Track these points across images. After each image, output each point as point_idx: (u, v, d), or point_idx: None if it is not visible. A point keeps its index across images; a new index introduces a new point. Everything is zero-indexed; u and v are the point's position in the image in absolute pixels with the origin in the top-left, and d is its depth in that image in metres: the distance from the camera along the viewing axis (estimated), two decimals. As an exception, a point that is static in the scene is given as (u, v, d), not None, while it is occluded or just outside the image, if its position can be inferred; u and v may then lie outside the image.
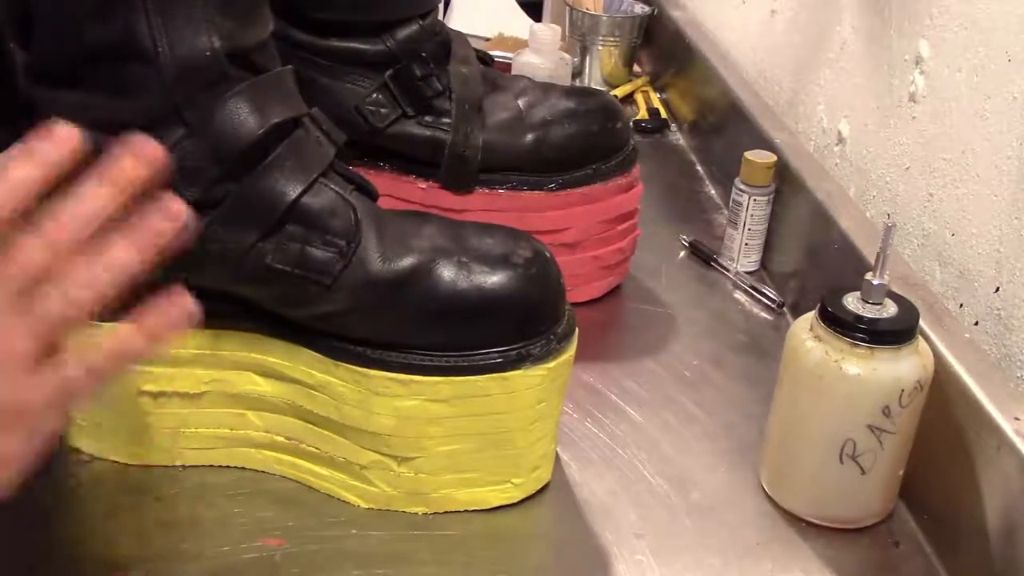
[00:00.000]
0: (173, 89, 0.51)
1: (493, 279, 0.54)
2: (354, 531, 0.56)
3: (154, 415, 0.58)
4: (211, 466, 0.59)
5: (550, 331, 0.56)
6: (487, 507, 0.58)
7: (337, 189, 0.55)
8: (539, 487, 0.59)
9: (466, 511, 0.57)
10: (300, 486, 0.59)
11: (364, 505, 0.57)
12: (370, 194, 0.58)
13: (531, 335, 0.55)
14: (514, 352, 0.54)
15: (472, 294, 0.54)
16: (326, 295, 0.53)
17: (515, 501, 0.58)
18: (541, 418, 0.57)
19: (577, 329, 0.58)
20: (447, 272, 0.54)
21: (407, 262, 0.54)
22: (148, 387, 0.57)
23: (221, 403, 0.58)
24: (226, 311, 0.56)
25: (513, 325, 0.55)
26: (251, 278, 0.54)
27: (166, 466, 0.59)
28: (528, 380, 0.55)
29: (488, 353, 0.54)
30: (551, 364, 0.55)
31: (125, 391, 0.58)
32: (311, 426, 0.57)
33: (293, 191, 0.53)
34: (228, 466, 0.60)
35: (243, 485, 0.59)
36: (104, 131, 0.52)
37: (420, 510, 0.57)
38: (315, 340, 0.55)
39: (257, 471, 0.59)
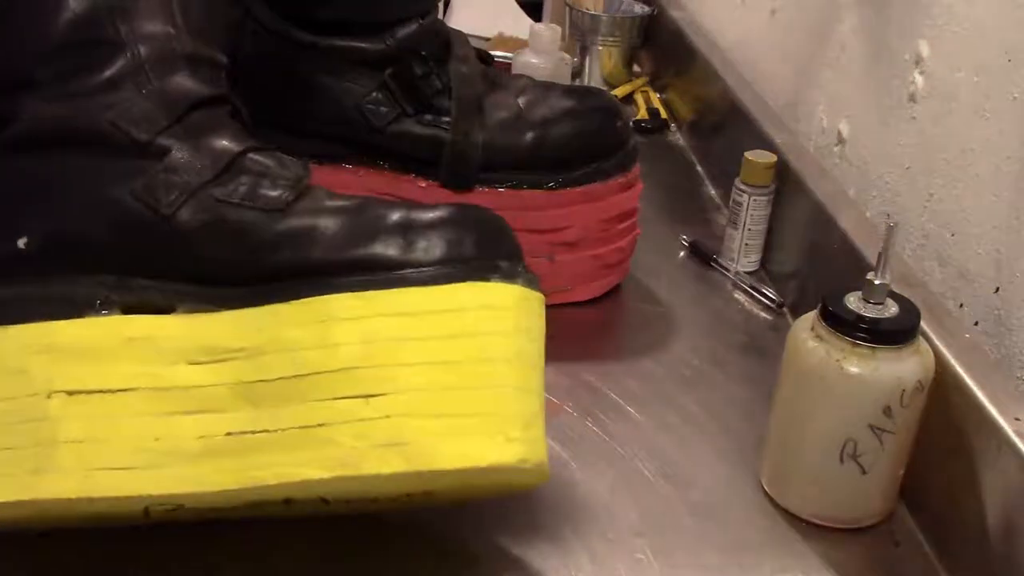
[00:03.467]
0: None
1: (446, 208, 0.53)
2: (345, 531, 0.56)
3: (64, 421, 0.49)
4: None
5: (514, 259, 0.53)
6: (479, 465, 0.48)
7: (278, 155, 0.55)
8: (538, 455, 0.50)
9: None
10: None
11: (327, 475, 0.47)
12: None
13: (494, 255, 0.52)
14: (480, 263, 0.51)
15: (430, 210, 0.53)
16: (278, 219, 0.52)
17: (512, 462, 0.48)
18: (523, 357, 0.51)
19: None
20: (398, 205, 0.53)
21: (359, 199, 0.54)
22: (60, 384, 0.49)
23: (148, 403, 0.50)
24: (178, 292, 0.52)
25: (474, 241, 0.52)
26: (200, 217, 0.52)
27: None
28: (502, 293, 0.50)
29: (455, 264, 0.51)
30: (523, 287, 0.51)
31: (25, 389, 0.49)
32: (256, 409, 0.49)
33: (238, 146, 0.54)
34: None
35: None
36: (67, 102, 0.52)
37: (396, 469, 0.47)
38: (264, 295, 0.51)
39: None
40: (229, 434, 0.49)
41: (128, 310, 0.52)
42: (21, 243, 0.52)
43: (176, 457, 0.49)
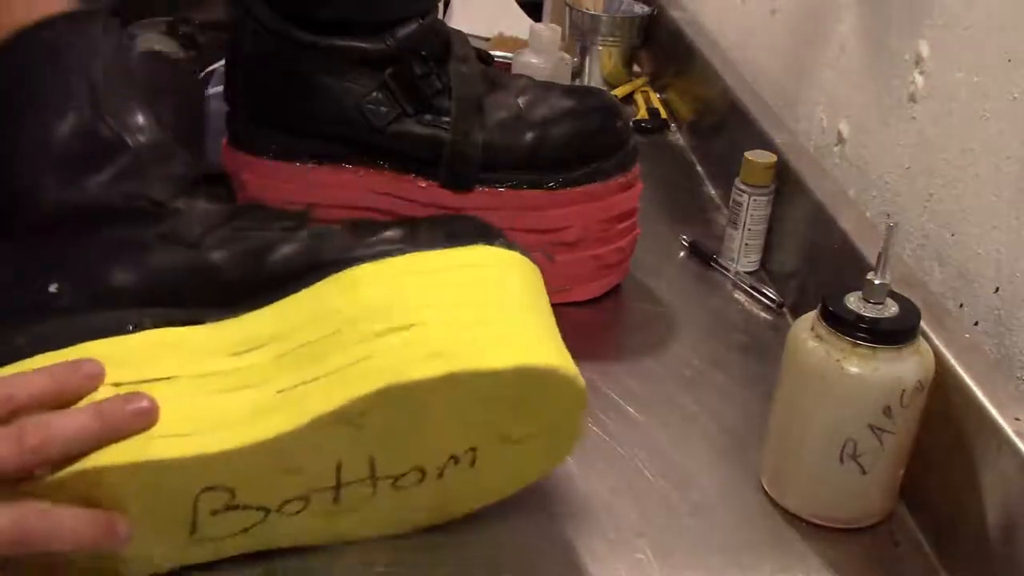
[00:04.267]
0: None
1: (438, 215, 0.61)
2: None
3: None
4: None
5: (506, 239, 0.58)
6: (523, 363, 0.51)
7: None
8: (573, 369, 0.53)
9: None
10: None
11: (380, 384, 0.49)
12: None
13: (490, 234, 0.57)
14: (480, 237, 0.56)
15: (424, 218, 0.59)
16: (290, 238, 0.57)
17: (555, 364, 0.52)
18: (538, 308, 0.56)
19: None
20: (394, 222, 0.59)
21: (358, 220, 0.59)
22: (106, 381, 0.51)
23: (193, 386, 0.52)
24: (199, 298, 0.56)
25: (468, 229, 0.57)
26: (223, 246, 0.56)
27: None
28: (506, 255, 0.56)
29: (457, 238, 0.56)
30: (522, 255, 0.57)
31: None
32: (300, 369, 0.52)
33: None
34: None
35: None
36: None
37: (442, 371, 0.50)
38: (283, 294, 0.56)
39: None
40: (280, 392, 0.51)
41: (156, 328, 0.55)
42: (52, 288, 0.55)
43: (230, 421, 0.51)
